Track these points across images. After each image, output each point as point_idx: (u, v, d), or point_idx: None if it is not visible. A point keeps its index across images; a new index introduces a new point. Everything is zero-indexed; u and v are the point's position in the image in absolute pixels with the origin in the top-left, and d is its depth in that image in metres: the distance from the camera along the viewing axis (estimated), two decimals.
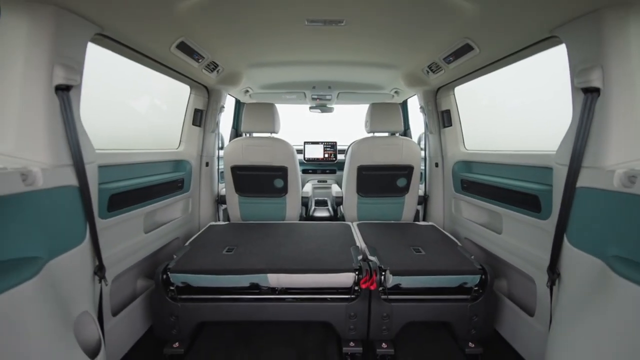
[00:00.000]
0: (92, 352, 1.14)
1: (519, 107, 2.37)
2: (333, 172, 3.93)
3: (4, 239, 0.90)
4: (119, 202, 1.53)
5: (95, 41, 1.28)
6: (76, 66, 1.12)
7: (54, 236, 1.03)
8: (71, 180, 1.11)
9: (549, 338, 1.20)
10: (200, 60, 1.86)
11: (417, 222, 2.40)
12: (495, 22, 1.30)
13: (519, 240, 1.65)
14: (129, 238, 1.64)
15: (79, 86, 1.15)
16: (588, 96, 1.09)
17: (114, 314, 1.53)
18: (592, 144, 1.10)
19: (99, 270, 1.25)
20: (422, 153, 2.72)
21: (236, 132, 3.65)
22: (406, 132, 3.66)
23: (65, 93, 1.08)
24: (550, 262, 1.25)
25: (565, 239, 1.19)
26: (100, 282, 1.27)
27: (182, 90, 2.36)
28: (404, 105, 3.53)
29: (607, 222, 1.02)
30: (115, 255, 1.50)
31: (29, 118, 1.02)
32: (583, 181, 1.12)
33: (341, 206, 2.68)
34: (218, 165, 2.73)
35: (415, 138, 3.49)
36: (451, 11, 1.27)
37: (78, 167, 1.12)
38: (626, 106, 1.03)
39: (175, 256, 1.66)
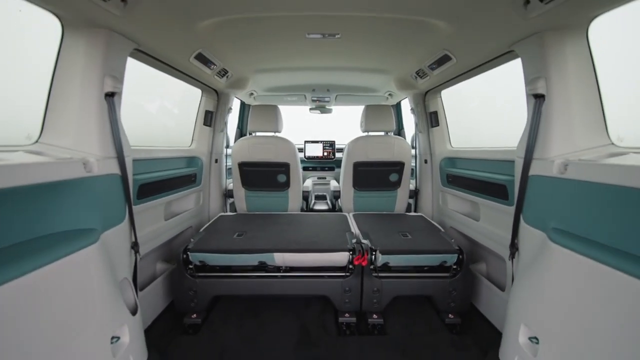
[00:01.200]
0: (132, 311, 1.40)
1: (505, 106, 2.62)
2: (332, 169, 4.19)
3: (72, 213, 1.16)
4: (146, 191, 1.80)
5: (132, 55, 1.55)
6: (119, 76, 1.38)
7: (104, 214, 1.30)
8: (115, 169, 1.38)
9: (509, 301, 1.46)
10: (212, 68, 2.13)
11: (407, 213, 2.66)
12: (466, 38, 1.57)
13: (493, 225, 1.92)
14: (152, 223, 1.90)
15: (120, 93, 1.41)
16: (537, 101, 1.35)
17: (140, 289, 1.78)
18: (540, 139, 1.36)
19: (135, 246, 1.51)
20: (413, 151, 2.99)
21: (241, 132, 3.91)
22: (400, 132, 3.92)
23: (112, 99, 1.34)
24: (511, 239, 1.51)
25: (521, 218, 1.45)
26: (135, 255, 1.53)
27: (192, 96, 2.63)
28: (398, 106, 3.80)
29: (548, 202, 1.28)
30: (142, 237, 1.76)
31: (85, 119, 1.29)
32: (534, 170, 1.38)
33: (339, 199, 2.94)
34: (226, 162, 2.99)
35: (409, 137, 3.75)
36: (431, 28, 1.54)
37: (120, 159, 1.39)
38: (564, 110, 1.30)
39: (192, 240, 1.92)
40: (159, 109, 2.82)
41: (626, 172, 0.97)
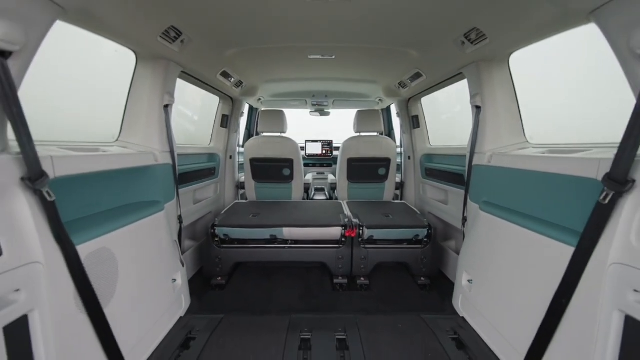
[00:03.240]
0: (181, 263, 1.94)
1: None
2: (329, 165, 4.73)
3: (147, 189, 1.70)
4: (183, 179, 2.34)
5: (180, 76, 2.09)
6: (172, 92, 1.93)
7: (164, 192, 1.83)
8: (169, 160, 1.92)
9: (458, 258, 2.00)
10: (231, 80, 2.67)
11: (392, 201, 3.21)
12: (430, 62, 2.13)
13: (456, 207, 2.46)
14: (186, 205, 2.44)
15: (172, 104, 1.95)
16: (477, 110, 1.90)
17: None
18: (479, 138, 1.91)
19: (179, 217, 2.05)
20: (400, 149, 3.53)
21: (249, 133, 4.45)
22: (390, 133, 4.47)
23: (167, 109, 1.89)
24: (462, 213, 2.05)
25: (468, 197, 1.99)
26: (180, 225, 2.06)
27: (209, 107, 3.17)
28: (388, 110, 4.34)
29: (482, 183, 1.83)
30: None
31: (150, 123, 1.83)
32: (475, 161, 1.93)
33: (336, 191, 3.48)
34: (238, 159, 3.54)
35: (399, 137, 4.29)
36: (405, 54, 2.09)
37: (172, 153, 1.93)
38: (494, 117, 1.85)
39: (217, 219, 2.46)
40: (179, 114, 3.36)
41: (519, 160, 1.52)
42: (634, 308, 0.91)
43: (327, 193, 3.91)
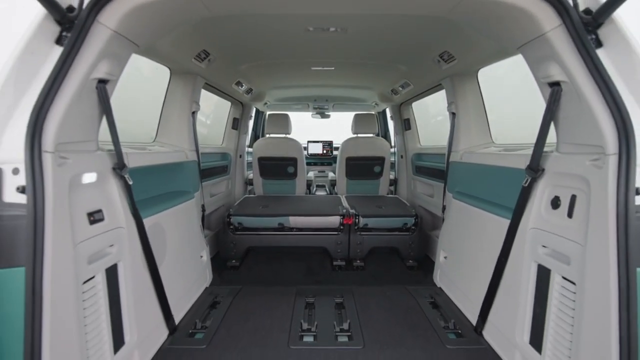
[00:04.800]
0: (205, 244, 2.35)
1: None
2: (330, 164, 5.14)
3: (181, 180, 2.11)
4: (203, 175, 2.75)
5: (204, 87, 2.51)
6: (198, 101, 2.34)
7: (192, 184, 2.24)
8: (195, 158, 2.33)
9: (438, 240, 2.40)
10: (242, 88, 3.09)
11: (385, 195, 3.62)
12: (416, 74, 2.55)
13: (439, 199, 2.86)
14: (204, 197, 2.86)
15: (197, 111, 2.36)
16: (452, 116, 2.32)
17: None
18: (455, 139, 2.32)
19: (202, 206, 2.45)
20: (393, 149, 3.94)
21: (255, 134, 4.87)
22: (386, 134, 4.88)
23: (194, 115, 2.30)
24: (442, 202, 2.46)
25: (446, 189, 2.40)
26: (203, 212, 2.47)
27: (220, 114, 3.59)
28: (384, 113, 4.76)
29: (456, 176, 2.24)
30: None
31: (181, 127, 2.24)
32: (451, 158, 2.34)
33: (335, 187, 3.89)
34: (246, 158, 3.95)
35: (393, 139, 4.71)
36: (395, 68, 2.51)
37: (197, 152, 2.34)
38: (466, 121, 2.26)
39: (231, 209, 2.87)
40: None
41: (481, 156, 1.93)
42: (542, 258, 1.31)
43: (327, 189, 4.32)
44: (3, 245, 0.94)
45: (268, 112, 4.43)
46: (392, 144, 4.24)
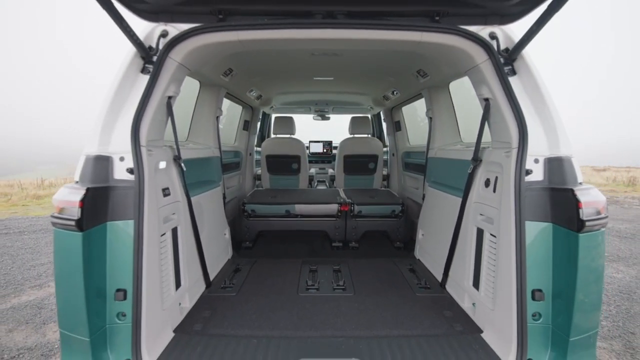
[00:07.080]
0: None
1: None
2: (329, 162, 5.72)
3: (210, 172, 2.68)
4: (222, 169, 3.32)
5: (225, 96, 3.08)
6: (220, 107, 2.92)
7: (217, 175, 2.81)
8: (218, 154, 2.90)
9: (418, 221, 2.97)
10: (254, 94, 3.67)
11: (378, 188, 4.19)
12: (402, 84, 3.13)
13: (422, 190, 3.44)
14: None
15: (220, 116, 2.94)
16: (430, 120, 2.89)
17: None
18: (432, 139, 2.89)
19: (224, 195, 3.02)
20: (386, 148, 4.51)
21: (262, 134, 5.44)
22: (381, 135, 5.46)
23: (218, 119, 2.87)
24: (422, 192, 3.03)
25: (425, 180, 2.97)
26: (224, 200, 3.03)
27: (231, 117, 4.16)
28: (378, 116, 5.34)
29: (432, 169, 2.81)
30: None
31: (207, 129, 2.82)
32: (429, 154, 2.91)
33: (334, 182, 4.46)
34: (254, 156, 4.53)
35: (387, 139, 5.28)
36: (384, 79, 3.09)
37: (219, 149, 2.91)
38: (440, 124, 2.84)
39: (245, 199, 3.43)
40: None
41: (448, 152, 2.50)
42: (480, 223, 1.88)
43: (327, 184, 4.89)
44: (120, 206, 1.50)
45: (274, 115, 5.01)
46: (385, 144, 4.81)
